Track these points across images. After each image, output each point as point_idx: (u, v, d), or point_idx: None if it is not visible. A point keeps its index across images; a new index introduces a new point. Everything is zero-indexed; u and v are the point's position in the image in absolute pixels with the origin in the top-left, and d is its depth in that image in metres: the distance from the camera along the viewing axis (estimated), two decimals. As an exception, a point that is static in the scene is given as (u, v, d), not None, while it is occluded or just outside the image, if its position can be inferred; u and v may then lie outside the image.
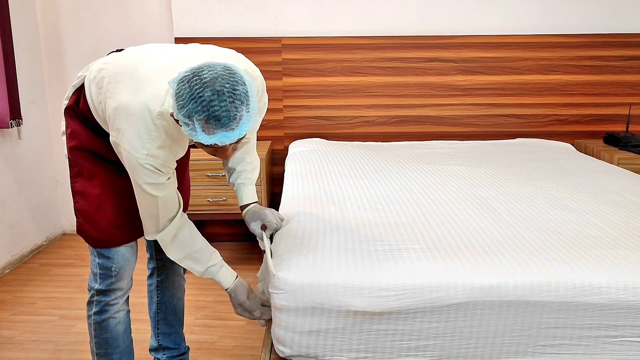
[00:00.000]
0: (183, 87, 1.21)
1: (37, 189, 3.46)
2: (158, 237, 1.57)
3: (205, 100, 1.19)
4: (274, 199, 3.45)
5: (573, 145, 3.34)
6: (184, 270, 1.96)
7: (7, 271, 3.13)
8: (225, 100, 1.19)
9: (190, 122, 1.21)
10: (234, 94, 1.20)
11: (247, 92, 1.23)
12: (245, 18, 3.34)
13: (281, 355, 1.51)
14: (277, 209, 2.19)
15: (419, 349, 1.48)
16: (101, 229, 1.61)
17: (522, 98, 3.39)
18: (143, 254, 1.99)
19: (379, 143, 3.34)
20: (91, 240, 1.63)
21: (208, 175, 3.03)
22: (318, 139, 3.39)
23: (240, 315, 1.68)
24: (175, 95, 1.23)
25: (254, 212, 1.78)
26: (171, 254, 1.60)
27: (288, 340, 1.48)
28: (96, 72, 1.51)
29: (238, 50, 1.66)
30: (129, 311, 1.77)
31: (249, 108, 1.23)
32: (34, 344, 2.37)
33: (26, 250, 3.33)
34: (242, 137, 1.29)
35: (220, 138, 1.22)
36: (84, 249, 3.44)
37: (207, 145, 1.28)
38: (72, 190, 1.64)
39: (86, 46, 3.46)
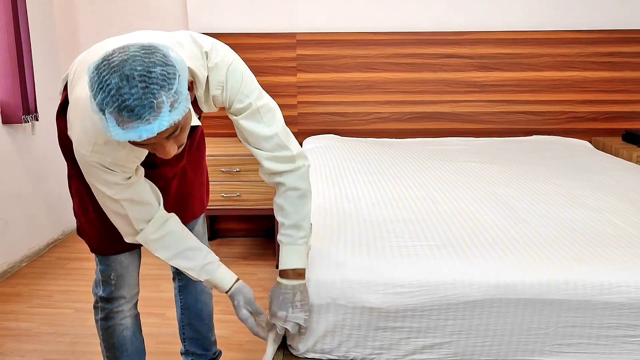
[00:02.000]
0: (92, 76, 1.01)
1: (53, 184, 3.49)
2: (138, 239, 1.39)
3: (114, 88, 0.98)
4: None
5: (590, 142, 3.29)
6: None
7: (24, 264, 3.16)
8: (137, 86, 0.98)
9: (102, 116, 1.00)
10: (148, 77, 0.98)
11: (168, 73, 1.01)
12: (260, 14, 3.34)
13: (294, 352, 1.51)
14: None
15: (434, 346, 1.47)
16: (94, 236, 1.51)
17: (538, 95, 3.36)
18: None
19: (394, 140, 3.33)
20: (89, 245, 1.55)
21: (222, 171, 3.03)
22: (332, 135, 3.38)
23: (246, 321, 1.43)
24: (88, 85, 1.02)
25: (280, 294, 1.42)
26: (158, 252, 1.41)
27: (302, 338, 1.48)
28: (74, 64, 1.37)
29: (253, 46, 1.58)
30: (137, 315, 1.69)
31: (171, 93, 1.01)
32: (51, 336, 2.39)
33: (42, 244, 3.36)
34: (179, 129, 1.09)
35: (138, 132, 1.00)
36: (100, 243, 3.47)
37: (139, 143, 1.08)
38: (69, 192, 1.54)
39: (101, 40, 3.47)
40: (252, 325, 1.42)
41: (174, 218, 1.44)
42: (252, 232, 3.55)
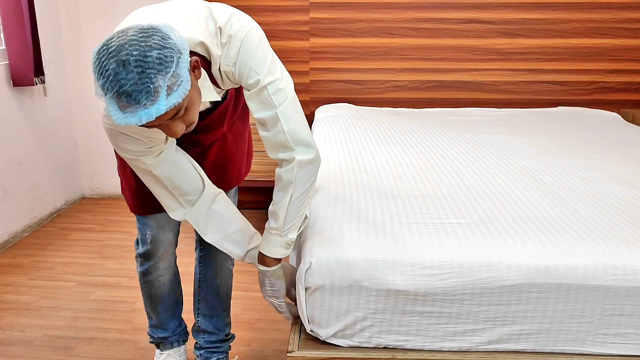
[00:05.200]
0: (94, 60, 1.04)
1: (58, 150, 3.36)
2: (187, 217, 1.43)
3: (111, 74, 1.00)
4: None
5: (619, 114, 3.12)
6: None
7: (26, 234, 3.05)
8: (132, 72, 0.99)
9: (105, 100, 1.03)
10: (144, 61, 1.00)
11: (165, 57, 1.02)
12: (272, -26, 3.14)
13: (318, 337, 1.38)
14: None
15: (465, 333, 1.34)
16: (130, 196, 1.57)
17: (565, 63, 3.17)
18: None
19: (411, 109, 3.17)
20: (129, 203, 1.60)
21: (231, 140, 2.89)
22: (346, 104, 3.22)
23: (271, 296, 1.45)
24: (92, 70, 1.05)
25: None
26: (207, 235, 1.46)
27: (324, 322, 1.35)
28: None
29: (263, 8, 1.43)
30: (176, 272, 1.74)
31: (168, 76, 1.01)
32: (52, 310, 2.29)
33: (45, 214, 3.25)
34: (183, 109, 1.09)
35: (137, 117, 1.02)
36: (103, 214, 3.35)
37: (144, 125, 1.08)
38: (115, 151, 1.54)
39: (102, 2, 3.30)
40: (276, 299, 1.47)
41: (222, 197, 1.46)
42: (262, 204, 3.42)
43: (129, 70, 0.99)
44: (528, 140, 2.41)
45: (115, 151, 1.49)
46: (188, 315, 1.89)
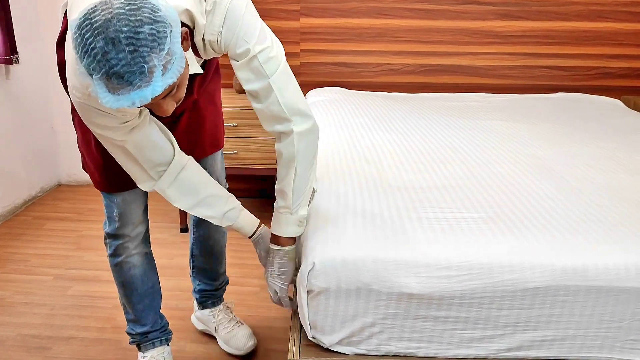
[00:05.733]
0: (75, 37, 0.92)
1: (32, 135, 3.16)
2: (156, 188, 1.35)
3: (99, 53, 0.89)
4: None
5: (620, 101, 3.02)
6: None
7: (-2, 224, 2.87)
8: (124, 50, 0.89)
9: (91, 81, 0.92)
10: (136, 39, 0.90)
11: (158, 32, 0.92)
12: (261, -52, 2.96)
13: (321, 344, 1.25)
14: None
15: (483, 340, 1.23)
16: (96, 172, 1.47)
17: (566, 48, 3.05)
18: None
19: (406, 94, 3.03)
20: (95, 181, 1.50)
21: (218, 125, 2.73)
22: (338, 88, 3.07)
23: (275, 277, 1.38)
24: (72, 46, 0.93)
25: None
26: (177, 203, 1.38)
27: (327, 328, 1.23)
28: None
29: None
30: (147, 253, 1.64)
31: (163, 54, 0.93)
32: (26, 307, 2.13)
33: (19, 202, 3.06)
34: (175, 88, 1.02)
35: (130, 99, 0.93)
36: (81, 202, 3.18)
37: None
38: (73, 124, 1.45)
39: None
40: (280, 280, 1.40)
41: (191, 163, 1.38)
42: (251, 192, 3.27)
43: (119, 49, 0.89)
44: (531, 127, 2.29)
45: (75, 125, 1.44)
46: (169, 311, 1.84)
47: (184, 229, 2.79)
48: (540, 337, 1.22)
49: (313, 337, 1.26)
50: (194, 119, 1.52)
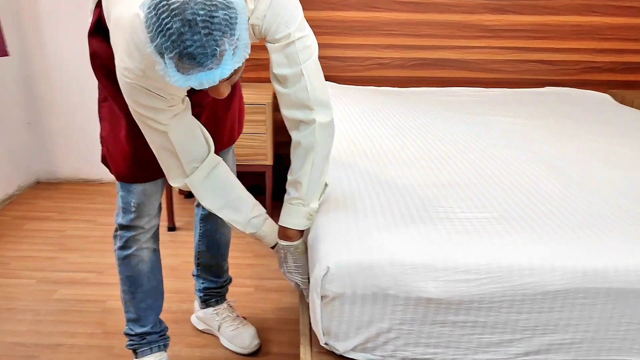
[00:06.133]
0: (150, 16, 0.96)
1: (7, 131, 3.03)
2: (187, 182, 1.34)
3: (175, 34, 0.93)
4: (278, 149, 3.09)
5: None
6: None
7: (-26, 225, 2.75)
8: (199, 33, 0.94)
9: (161, 60, 0.97)
10: (211, 22, 0.94)
11: (230, 17, 0.96)
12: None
13: (334, 351, 1.21)
14: (283, 160, 1.82)
15: (501, 344, 1.20)
16: (122, 162, 1.47)
17: (554, 42, 3.05)
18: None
19: (397, 89, 2.99)
20: (113, 171, 1.51)
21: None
22: (328, 82, 3.01)
23: (293, 272, 1.41)
24: (144, 25, 0.97)
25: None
26: (206, 201, 1.39)
27: (342, 334, 1.18)
28: None
29: None
30: (156, 250, 1.64)
31: (234, 39, 0.97)
32: (9, 313, 2.03)
33: (-5, 201, 2.94)
34: (235, 73, 1.07)
35: (199, 79, 0.97)
36: (63, 201, 3.06)
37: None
38: (98, 116, 1.49)
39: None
40: (298, 275, 1.41)
41: (222, 164, 1.40)
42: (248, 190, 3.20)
43: (195, 31, 0.93)
44: (529, 122, 2.28)
45: (101, 117, 1.47)
46: (168, 315, 1.82)
47: (172, 228, 2.71)
48: (559, 340, 1.19)
49: (326, 344, 1.21)
50: (216, 113, 1.55)
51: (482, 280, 1.15)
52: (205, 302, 1.90)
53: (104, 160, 1.54)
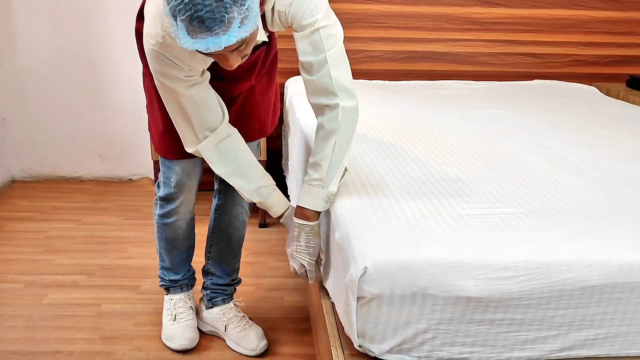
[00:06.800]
0: None
1: (-21, 127, 2.88)
2: (199, 147, 1.40)
3: None
4: (273, 143, 3.02)
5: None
6: (249, 205, 1.79)
7: (-51, 226, 2.60)
8: None
9: (174, 22, 1.02)
10: None
11: None
12: None
13: (369, 353, 1.17)
14: (279, 154, 1.93)
15: (537, 341, 1.18)
16: (156, 134, 1.58)
17: (541, 35, 3.08)
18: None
19: (387, 82, 2.97)
20: (155, 145, 1.62)
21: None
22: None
23: (301, 252, 1.41)
24: None
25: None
26: (216, 167, 1.44)
27: (378, 336, 1.15)
28: None
29: None
30: (193, 217, 1.77)
31: (243, 9, 1.01)
32: (-2, 319, 1.93)
33: (-30, 201, 2.79)
34: (245, 44, 1.10)
35: (205, 44, 1.02)
36: (43, 199, 2.93)
37: (204, 53, 1.08)
38: (143, 87, 1.58)
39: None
40: (307, 256, 1.43)
41: (236, 133, 1.45)
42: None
43: None
44: (528, 115, 2.29)
45: (144, 90, 1.56)
46: (197, 258, 1.90)
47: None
48: (593, 336, 1.19)
49: (360, 346, 1.18)
50: (248, 106, 1.58)
51: (521, 277, 1.13)
52: (212, 301, 1.87)
53: (149, 131, 1.65)
